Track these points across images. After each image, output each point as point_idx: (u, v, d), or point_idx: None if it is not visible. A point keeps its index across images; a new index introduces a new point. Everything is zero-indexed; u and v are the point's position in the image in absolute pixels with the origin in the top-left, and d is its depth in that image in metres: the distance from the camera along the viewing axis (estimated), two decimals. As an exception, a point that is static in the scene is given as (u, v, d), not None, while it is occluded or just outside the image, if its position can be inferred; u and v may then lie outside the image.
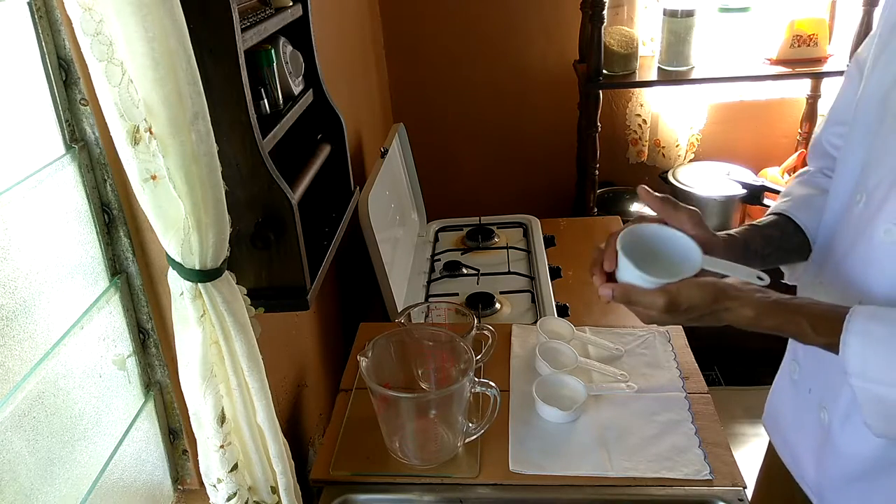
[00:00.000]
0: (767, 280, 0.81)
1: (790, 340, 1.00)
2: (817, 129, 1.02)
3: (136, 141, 0.62)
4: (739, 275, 0.81)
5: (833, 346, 0.75)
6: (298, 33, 1.05)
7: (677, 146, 2.40)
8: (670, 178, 2.33)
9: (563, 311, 1.56)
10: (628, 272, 0.82)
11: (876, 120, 0.81)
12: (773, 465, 1.11)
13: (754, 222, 0.98)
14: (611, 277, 0.86)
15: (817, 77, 2.23)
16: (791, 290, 1.00)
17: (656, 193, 0.87)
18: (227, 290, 0.74)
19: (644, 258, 0.82)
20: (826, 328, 0.75)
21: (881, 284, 0.79)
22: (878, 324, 0.73)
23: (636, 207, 2.35)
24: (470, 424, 1.09)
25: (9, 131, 0.67)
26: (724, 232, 0.93)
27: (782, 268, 1.02)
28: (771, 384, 1.08)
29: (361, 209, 1.45)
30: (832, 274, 0.87)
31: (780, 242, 0.95)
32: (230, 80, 0.78)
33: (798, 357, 0.97)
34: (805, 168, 1.04)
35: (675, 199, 0.88)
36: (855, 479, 0.86)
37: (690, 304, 0.78)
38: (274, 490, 0.90)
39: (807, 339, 0.77)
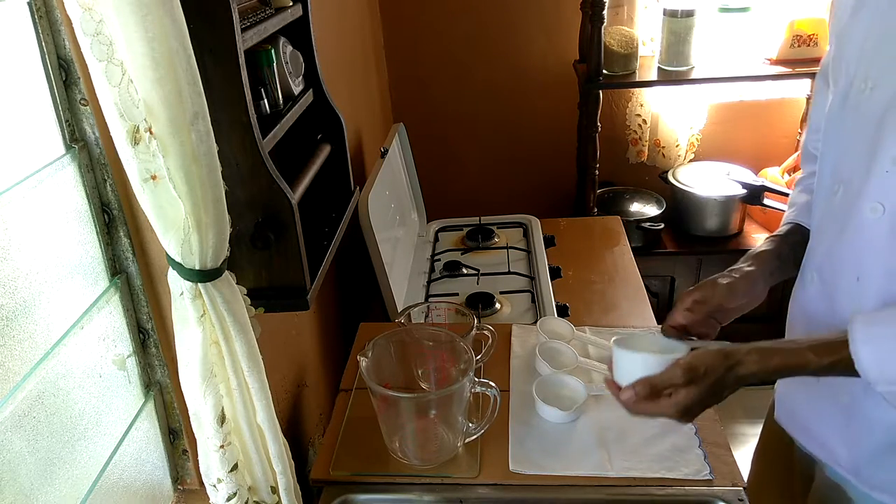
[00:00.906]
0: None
1: (787, 333, 1.04)
2: (803, 137, 1.11)
3: (136, 141, 0.62)
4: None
5: (836, 366, 0.78)
6: (298, 33, 1.05)
7: (677, 146, 2.40)
8: (670, 178, 2.33)
9: (563, 311, 1.56)
10: (630, 361, 0.88)
11: (839, 119, 0.88)
12: (770, 440, 1.14)
13: (776, 233, 1.06)
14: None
15: (817, 77, 2.23)
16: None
17: (678, 320, 0.95)
18: (227, 290, 0.74)
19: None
20: (826, 349, 0.79)
21: (875, 259, 0.83)
22: (879, 326, 0.77)
23: (636, 207, 2.35)
24: (470, 424, 1.09)
25: (9, 131, 0.67)
26: (754, 250, 1.01)
27: None
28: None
29: (361, 209, 1.45)
30: (825, 259, 0.91)
31: (802, 245, 1.01)
32: (230, 80, 0.78)
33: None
34: (800, 174, 1.11)
35: (693, 311, 0.96)
36: (889, 448, 0.89)
37: (706, 366, 0.83)
38: (274, 490, 0.90)
39: (811, 365, 0.80)
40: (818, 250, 0.93)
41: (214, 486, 0.84)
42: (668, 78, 2.13)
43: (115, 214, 0.81)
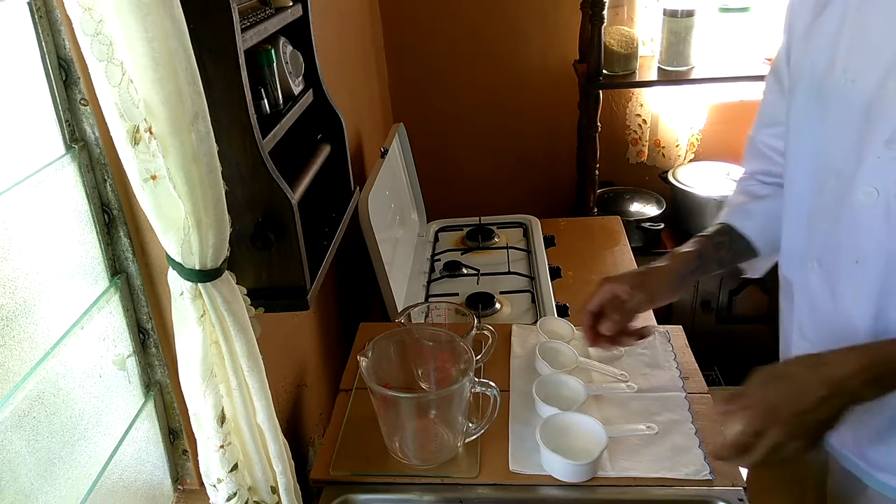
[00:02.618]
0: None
1: (784, 329, 1.07)
2: (751, 132, 1.13)
3: (136, 141, 0.62)
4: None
5: None
6: (298, 33, 1.05)
7: (677, 146, 2.40)
8: (670, 178, 2.33)
9: (563, 311, 1.56)
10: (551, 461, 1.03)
11: (818, 112, 0.90)
12: None
13: (703, 233, 1.11)
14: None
15: (817, 77, 2.23)
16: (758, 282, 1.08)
17: (594, 306, 1.04)
18: (227, 290, 0.74)
19: (563, 445, 1.03)
20: None
21: (873, 242, 0.86)
22: None
23: (636, 207, 2.35)
24: (470, 424, 1.09)
25: (9, 131, 0.67)
26: (679, 249, 1.07)
27: (741, 266, 1.14)
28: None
29: (361, 209, 1.45)
30: (824, 247, 0.92)
31: (729, 245, 1.09)
32: (230, 80, 0.78)
33: (806, 332, 0.99)
34: (741, 175, 1.17)
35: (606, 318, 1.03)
36: (889, 429, 0.91)
37: (782, 366, 0.83)
38: (274, 490, 0.90)
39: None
40: (815, 239, 0.94)
41: (214, 486, 0.84)
42: (668, 78, 2.13)
43: (115, 214, 0.81)
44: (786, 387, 0.79)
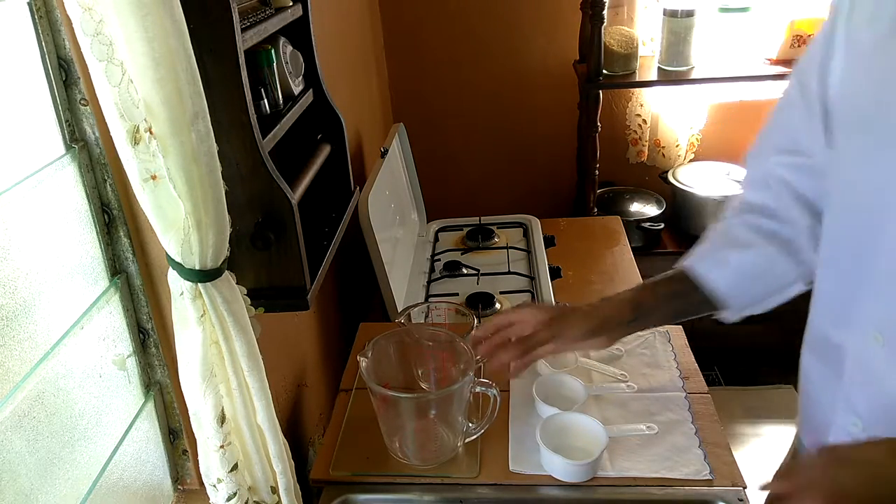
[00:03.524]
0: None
1: (814, 392, 0.91)
2: (755, 150, 0.98)
3: (136, 141, 0.62)
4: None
5: None
6: (298, 33, 1.05)
7: (677, 146, 2.40)
8: (670, 178, 2.33)
9: (563, 311, 1.56)
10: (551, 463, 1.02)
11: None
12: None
13: (650, 279, 0.98)
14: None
15: (817, 77, 2.22)
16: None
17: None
18: (227, 290, 0.74)
19: (563, 445, 1.03)
20: None
21: None
22: None
23: (636, 207, 2.35)
24: (470, 424, 1.09)
25: (9, 131, 0.67)
26: (617, 295, 0.95)
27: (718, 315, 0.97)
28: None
29: (361, 209, 1.45)
30: (887, 320, 0.76)
31: (678, 298, 0.95)
32: (230, 80, 0.78)
33: (857, 408, 0.81)
34: (732, 204, 1.00)
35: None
36: None
37: (856, 447, 0.72)
38: (274, 490, 0.90)
39: None
40: (879, 308, 0.76)
41: (214, 486, 0.84)
42: (668, 78, 2.13)
43: (115, 214, 0.81)
44: (863, 473, 0.68)
